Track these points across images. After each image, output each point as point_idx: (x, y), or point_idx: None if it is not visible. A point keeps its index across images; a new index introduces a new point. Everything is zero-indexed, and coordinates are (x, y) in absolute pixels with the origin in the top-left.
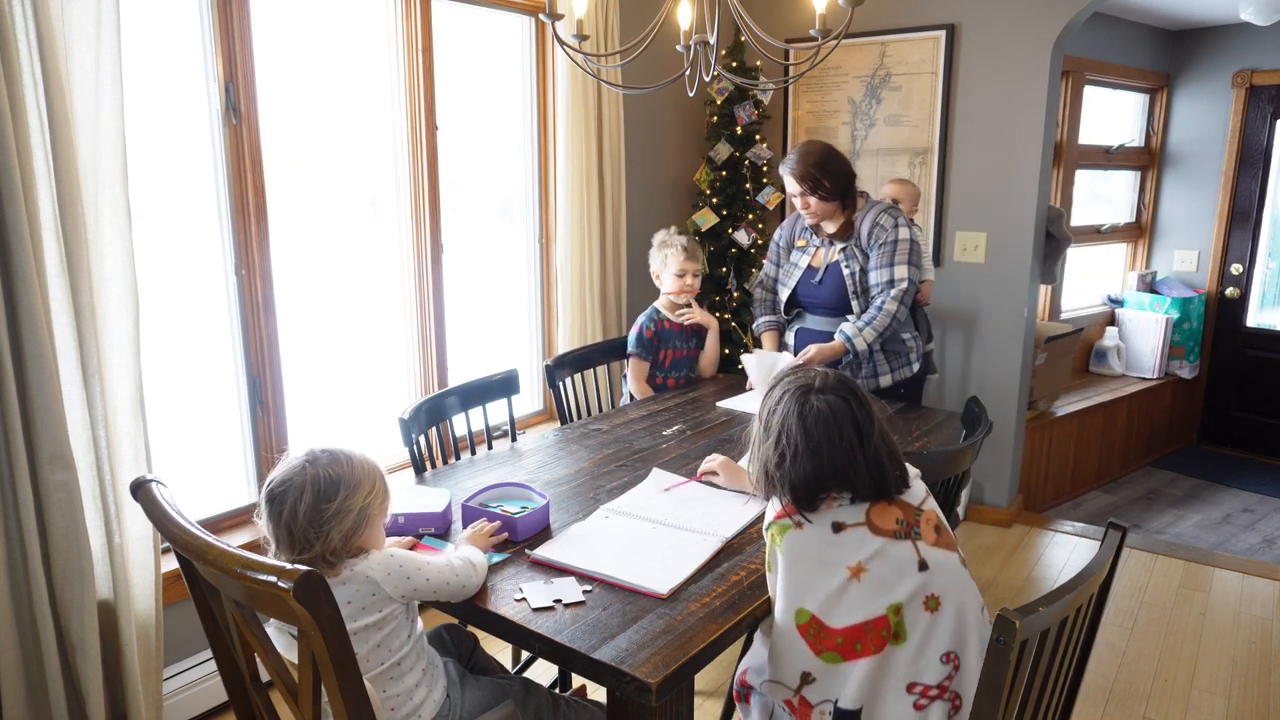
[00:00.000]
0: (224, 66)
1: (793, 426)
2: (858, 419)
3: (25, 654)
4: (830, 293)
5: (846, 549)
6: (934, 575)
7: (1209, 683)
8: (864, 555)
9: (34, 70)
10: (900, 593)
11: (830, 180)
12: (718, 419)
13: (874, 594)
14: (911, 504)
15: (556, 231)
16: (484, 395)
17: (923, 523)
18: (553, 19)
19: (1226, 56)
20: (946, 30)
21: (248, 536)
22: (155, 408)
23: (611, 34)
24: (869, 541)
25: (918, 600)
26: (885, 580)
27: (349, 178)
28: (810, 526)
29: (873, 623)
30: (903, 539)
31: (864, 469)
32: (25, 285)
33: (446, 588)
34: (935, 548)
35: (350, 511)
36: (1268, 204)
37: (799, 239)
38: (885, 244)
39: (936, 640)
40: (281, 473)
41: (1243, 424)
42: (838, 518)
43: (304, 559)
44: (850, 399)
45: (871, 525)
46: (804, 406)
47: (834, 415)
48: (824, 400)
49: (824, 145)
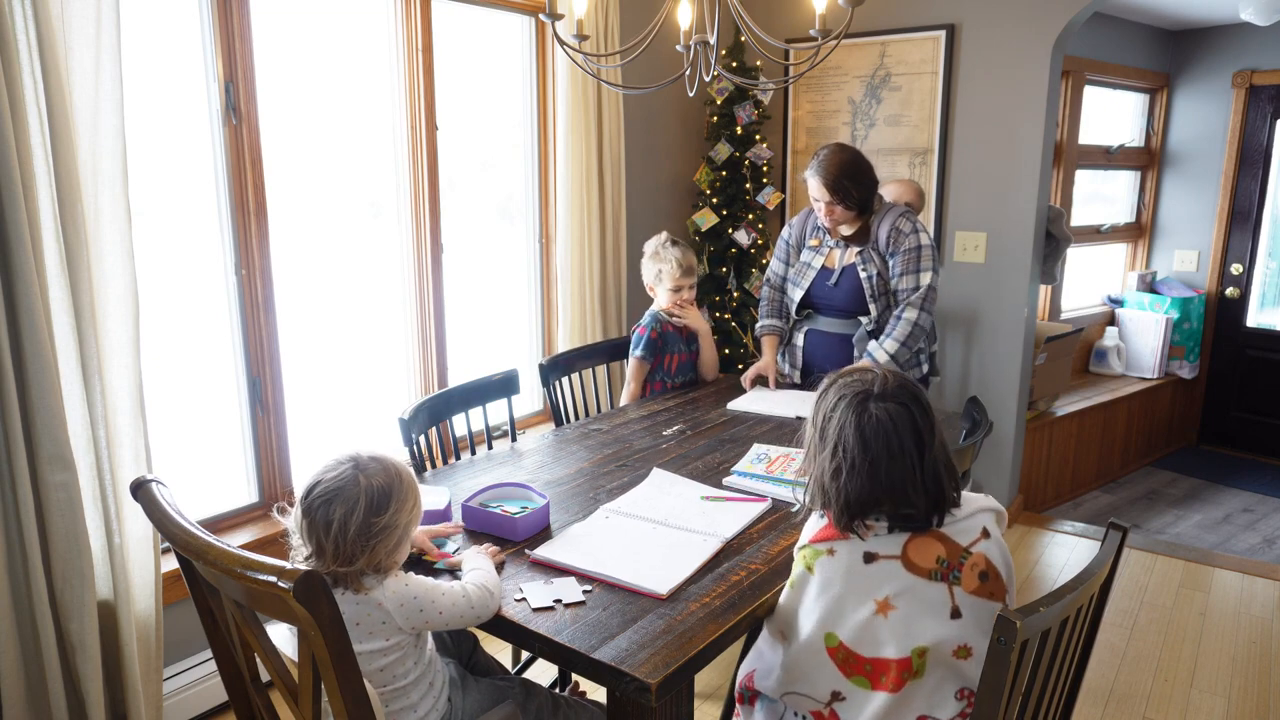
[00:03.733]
0: (224, 66)
1: (850, 437)
2: (919, 428)
3: (25, 654)
4: (846, 296)
5: (875, 581)
6: (966, 626)
7: (1209, 683)
8: (892, 591)
9: (34, 70)
10: (927, 637)
11: (858, 190)
12: (718, 419)
13: (900, 633)
14: (959, 543)
15: (556, 231)
16: (484, 395)
17: (966, 566)
18: (553, 19)
19: (1226, 56)
20: (946, 30)
21: (248, 536)
22: (155, 408)
23: (611, 34)
24: (899, 577)
25: (946, 648)
26: (913, 621)
27: (349, 177)
28: (841, 554)
29: (897, 663)
30: (938, 580)
31: (920, 485)
32: (25, 285)
33: (460, 619)
34: (974, 596)
35: (396, 527)
36: (1268, 204)
37: (811, 238)
38: (908, 250)
39: (955, 679)
40: (330, 480)
41: (1242, 424)
42: (871, 548)
43: (343, 572)
44: (912, 405)
45: (906, 560)
46: (862, 416)
47: (894, 425)
48: (884, 409)
49: (854, 152)
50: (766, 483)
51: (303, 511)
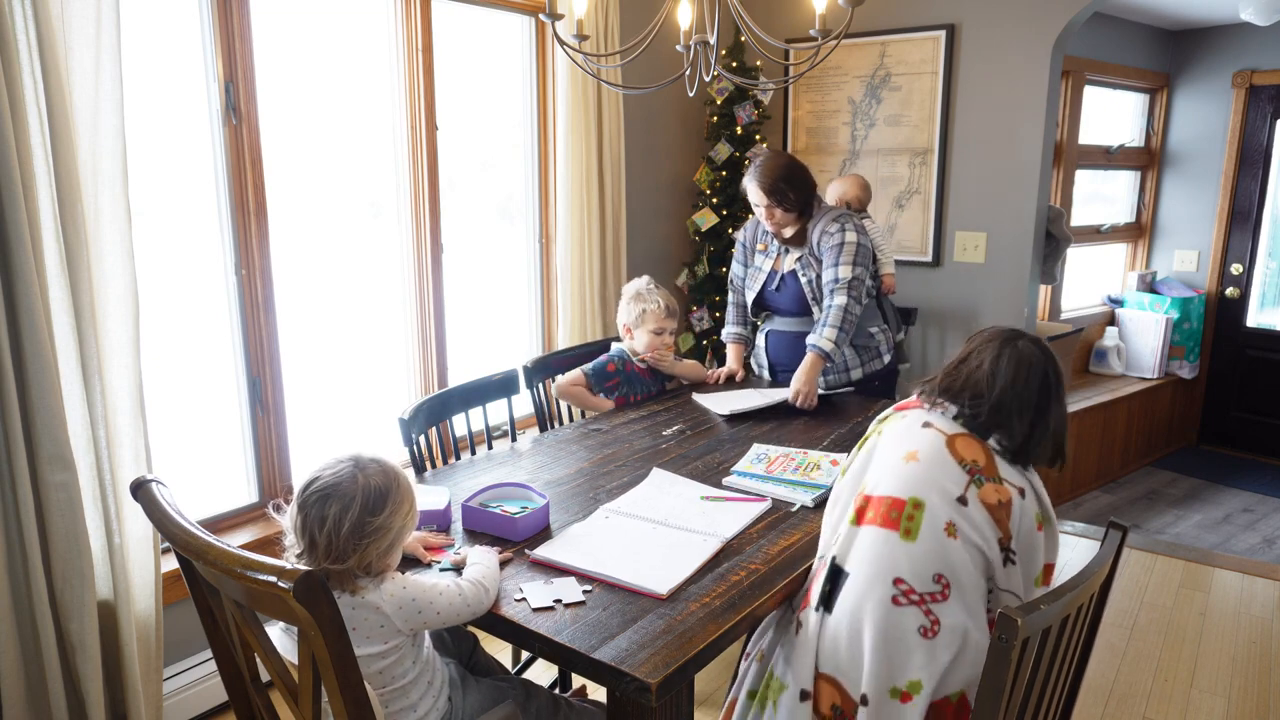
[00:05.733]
0: (224, 66)
1: (987, 355)
2: (1049, 376)
3: (25, 654)
4: (790, 299)
5: (917, 438)
6: (965, 515)
7: (1209, 683)
8: (924, 451)
9: (34, 70)
10: (931, 497)
11: (795, 192)
12: (718, 418)
13: (911, 482)
14: (1000, 473)
15: (556, 231)
16: (484, 395)
17: (990, 485)
18: (553, 19)
19: (1226, 56)
20: (946, 30)
21: (248, 536)
22: (155, 408)
23: (611, 34)
24: (936, 448)
25: (940, 518)
26: (925, 481)
27: (349, 177)
28: (905, 417)
29: (894, 500)
30: (965, 471)
31: (1021, 420)
32: (25, 285)
33: (456, 618)
34: (982, 504)
35: (390, 530)
36: (1268, 204)
37: (760, 242)
38: (831, 248)
39: (936, 559)
40: (328, 477)
41: (1242, 424)
42: (930, 419)
43: (334, 570)
44: (1049, 362)
45: (949, 440)
46: (1005, 345)
47: (1030, 361)
48: (1029, 345)
49: (788, 157)
50: (766, 483)
51: (298, 506)
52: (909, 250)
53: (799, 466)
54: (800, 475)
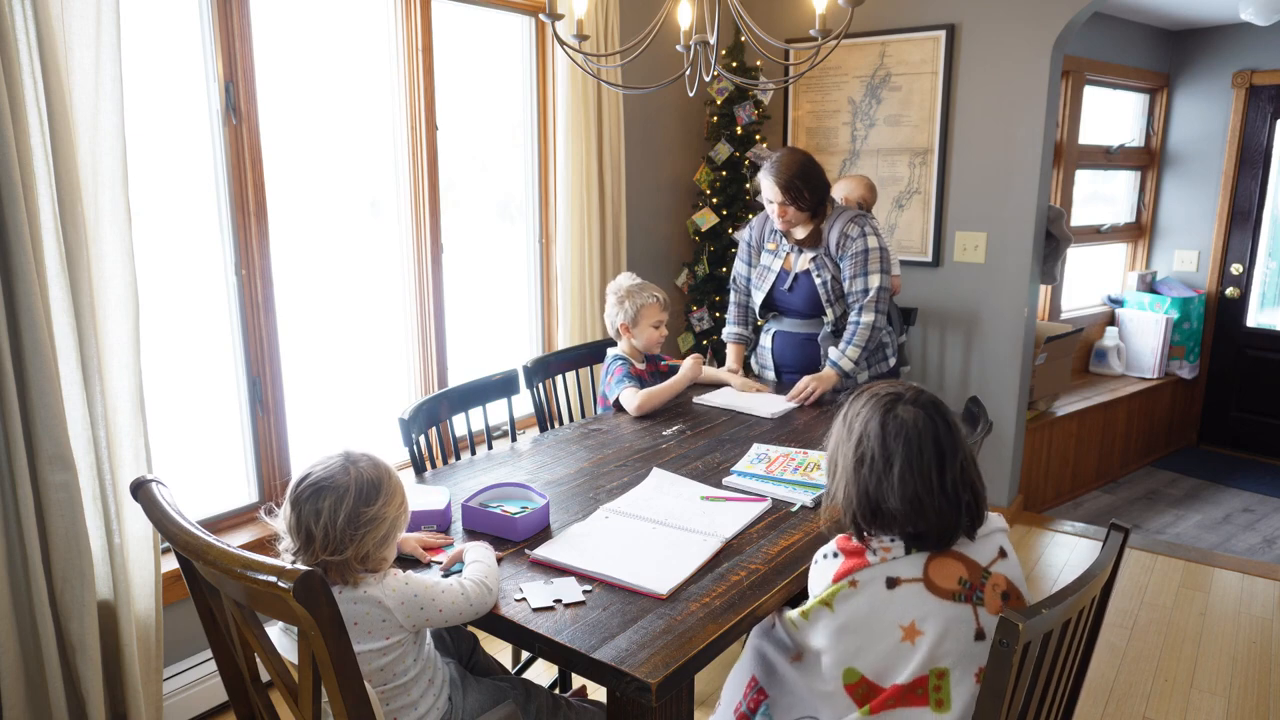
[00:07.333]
0: (224, 66)
1: (873, 433)
2: (940, 438)
3: (25, 654)
4: (803, 300)
5: (901, 607)
6: (988, 642)
7: (1209, 683)
8: (918, 615)
9: (34, 70)
10: (949, 659)
11: (811, 191)
12: (718, 418)
13: (925, 655)
14: (979, 563)
15: (556, 231)
16: (484, 395)
17: (988, 587)
18: (553, 19)
19: (1226, 56)
20: (946, 30)
21: (248, 536)
22: (155, 408)
23: (611, 34)
24: (924, 601)
25: (968, 670)
26: (938, 643)
27: (349, 177)
28: (863, 585)
29: (913, 682)
30: (962, 602)
31: (937, 497)
32: (25, 285)
33: (459, 616)
34: (994, 615)
35: (385, 520)
36: (1268, 204)
37: (769, 241)
38: (856, 254)
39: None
40: (321, 471)
41: (1242, 424)
42: (893, 572)
43: (332, 562)
44: (937, 417)
45: (929, 582)
46: (887, 415)
47: (918, 430)
48: (909, 411)
49: (805, 155)
50: (766, 483)
51: (291, 503)
52: (909, 250)
53: (799, 466)
54: (800, 475)
